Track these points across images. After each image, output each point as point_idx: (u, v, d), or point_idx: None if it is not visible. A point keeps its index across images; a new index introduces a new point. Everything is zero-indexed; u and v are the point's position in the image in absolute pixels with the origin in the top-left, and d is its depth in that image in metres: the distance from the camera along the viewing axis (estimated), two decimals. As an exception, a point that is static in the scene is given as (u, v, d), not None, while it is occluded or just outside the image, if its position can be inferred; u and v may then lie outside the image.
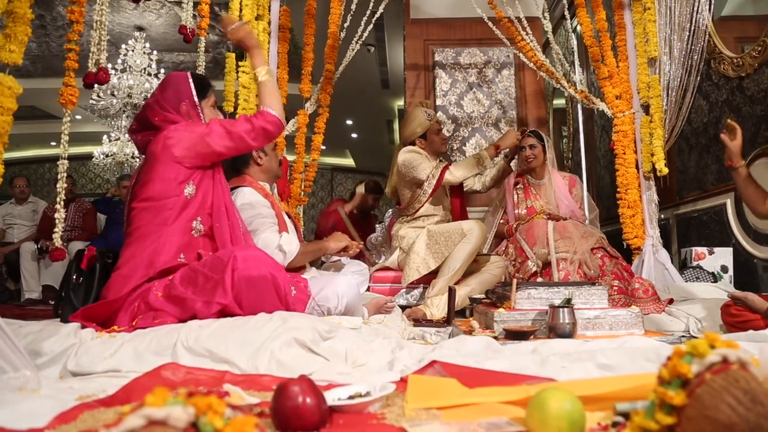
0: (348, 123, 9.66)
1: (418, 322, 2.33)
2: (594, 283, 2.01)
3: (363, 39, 3.37)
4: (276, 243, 2.09)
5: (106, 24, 2.13)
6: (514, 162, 3.35)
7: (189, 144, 1.80)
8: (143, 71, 6.44)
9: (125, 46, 6.36)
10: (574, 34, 4.61)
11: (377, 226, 3.59)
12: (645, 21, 3.21)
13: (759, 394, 0.58)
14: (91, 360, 1.29)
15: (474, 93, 4.22)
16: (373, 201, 4.57)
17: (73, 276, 1.81)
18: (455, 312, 2.40)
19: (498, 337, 1.74)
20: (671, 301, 2.44)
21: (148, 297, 1.64)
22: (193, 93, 1.92)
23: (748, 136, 2.89)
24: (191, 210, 1.82)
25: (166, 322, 1.55)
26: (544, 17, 3.42)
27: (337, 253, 2.39)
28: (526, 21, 3.36)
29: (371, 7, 3.36)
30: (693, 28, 2.95)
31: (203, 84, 1.97)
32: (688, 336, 2.05)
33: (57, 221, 1.87)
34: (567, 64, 3.51)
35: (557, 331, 1.74)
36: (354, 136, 10.40)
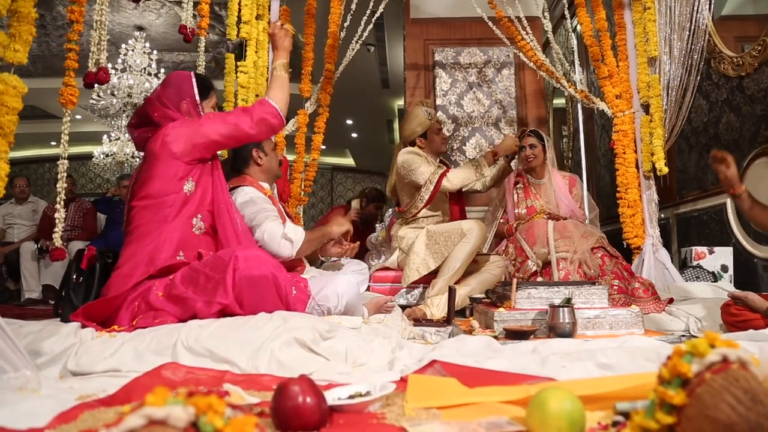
0: (348, 123, 9.66)
1: (418, 321, 2.34)
2: (594, 283, 2.01)
3: (363, 39, 3.37)
4: (281, 232, 2.07)
5: (106, 24, 2.12)
6: (514, 162, 3.35)
7: (185, 137, 1.80)
8: (143, 71, 6.44)
9: (125, 45, 6.35)
10: (574, 33, 4.61)
11: (377, 225, 3.59)
12: (645, 20, 3.21)
13: (759, 393, 0.58)
14: (92, 360, 1.29)
15: (474, 93, 4.22)
16: (375, 210, 4.46)
17: (73, 276, 1.81)
18: (455, 311, 2.40)
19: (498, 337, 1.74)
20: (671, 301, 2.44)
21: (148, 296, 1.64)
22: (196, 92, 1.93)
23: (748, 135, 2.89)
24: (191, 207, 1.82)
25: (166, 321, 1.55)
26: (544, 17, 3.42)
27: (336, 255, 2.42)
28: (526, 20, 3.36)
29: (371, 7, 3.37)
30: (693, 27, 2.95)
31: (206, 85, 1.99)
32: (688, 335, 2.05)
33: (57, 221, 1.87)
34: (567, 63, 3.51)
35: (557, 331, 1.74)
36: (354, 135, 10.40)
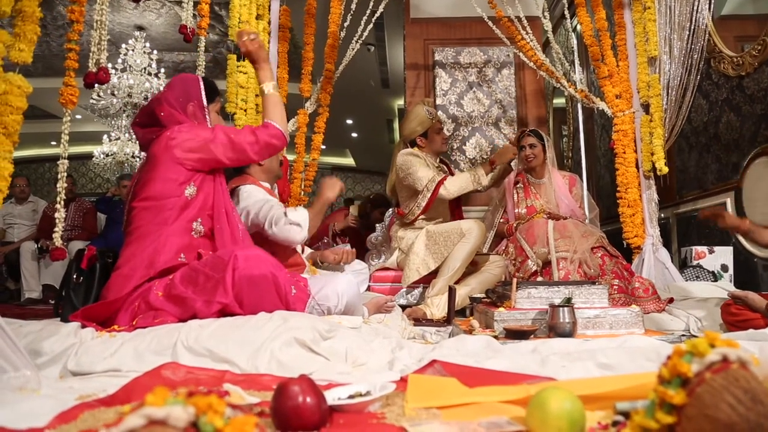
0: (348, 122, 9.66)
1: (418, 321, 2.34)
2: (594, 283, 2.01)
3: (363, 38, 3.37)
4: (286, 220, 2.07)
5: (106, 23, 2.13)
6: (514, 161, 3.35)
7: (192, 147, 1.81)
8: (143, 71, 6.45)
9: (125, 45, 6.36)
10: (574, 33, 4.61)
11: (377, 225, 3.58)
12: (645, 20, 3.21)
13: (759, 393, 0.58)
14: (92, 360, 1.29)
15: (474, 92, 4.21)
16: (381, 216, 4.44)
17: (74, 275, 1.81)
18: (455, 311, 2.40)
19: (498, 337, 1.75)
20: (671, 300, 2.44)
21: (148, 296, 1.64)
22: (203, 95, 1.94)
23: (748, 135, 2.89)
24: (192, 211, 1.82)
25: (166, 321, 1.55)
26: (544, 16, 3.42)
27: (334, 262, 2.49)
28: (526, 20, 3.36)
29: (371, 7, 3.37)
30: (693, 27, 2.95)
31: (213, 89, 2.00)
32: (688, 335, 2.05)
33: (57, 221, 1.87)
34: (567, 63, 3.51)
35: (557, 331, 1.74)
36: (354, 135, 10.40)
